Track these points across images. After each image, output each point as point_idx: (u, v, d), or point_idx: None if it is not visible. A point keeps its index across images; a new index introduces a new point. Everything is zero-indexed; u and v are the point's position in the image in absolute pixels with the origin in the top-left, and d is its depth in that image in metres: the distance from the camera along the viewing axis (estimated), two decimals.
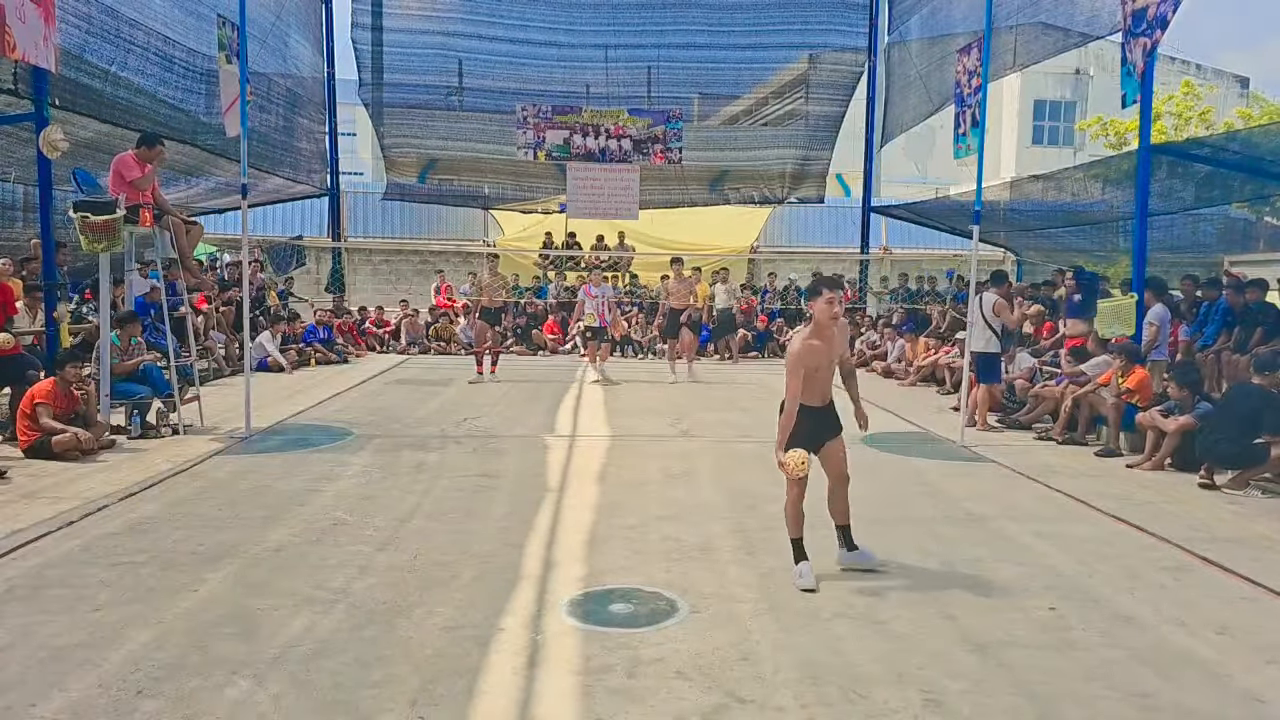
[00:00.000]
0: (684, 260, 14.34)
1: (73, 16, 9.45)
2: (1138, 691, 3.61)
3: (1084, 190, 13.17)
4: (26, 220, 12.03)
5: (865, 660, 3.84)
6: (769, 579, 4.83)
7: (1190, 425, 7.53)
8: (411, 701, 3.43)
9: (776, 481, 7.06)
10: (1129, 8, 8.36)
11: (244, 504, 6.16)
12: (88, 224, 7.87)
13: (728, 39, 18.85)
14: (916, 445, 8.73)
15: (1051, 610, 4.46)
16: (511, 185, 19.63)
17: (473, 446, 8.24)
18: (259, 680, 3.57)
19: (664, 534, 5.61)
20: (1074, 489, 6.99)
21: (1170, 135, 23.83)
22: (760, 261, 22.10)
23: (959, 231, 18.03)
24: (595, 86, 18.70)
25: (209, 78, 12.26)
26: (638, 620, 4.27)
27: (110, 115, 10.35)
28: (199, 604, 4.35)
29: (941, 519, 6.09)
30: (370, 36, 18.42)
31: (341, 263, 19.67)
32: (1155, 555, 5.39)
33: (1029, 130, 32.71)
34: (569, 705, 3.44)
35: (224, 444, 8.14)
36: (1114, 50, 23.09)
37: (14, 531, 5.43)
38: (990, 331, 9.32)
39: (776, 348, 17.61)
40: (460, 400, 11.10)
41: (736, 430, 9.26)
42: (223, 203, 16.18)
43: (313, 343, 14.91)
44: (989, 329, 9.31)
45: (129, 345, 8.81)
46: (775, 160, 19.72)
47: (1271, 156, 9.56)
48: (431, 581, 4.68)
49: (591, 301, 13.01)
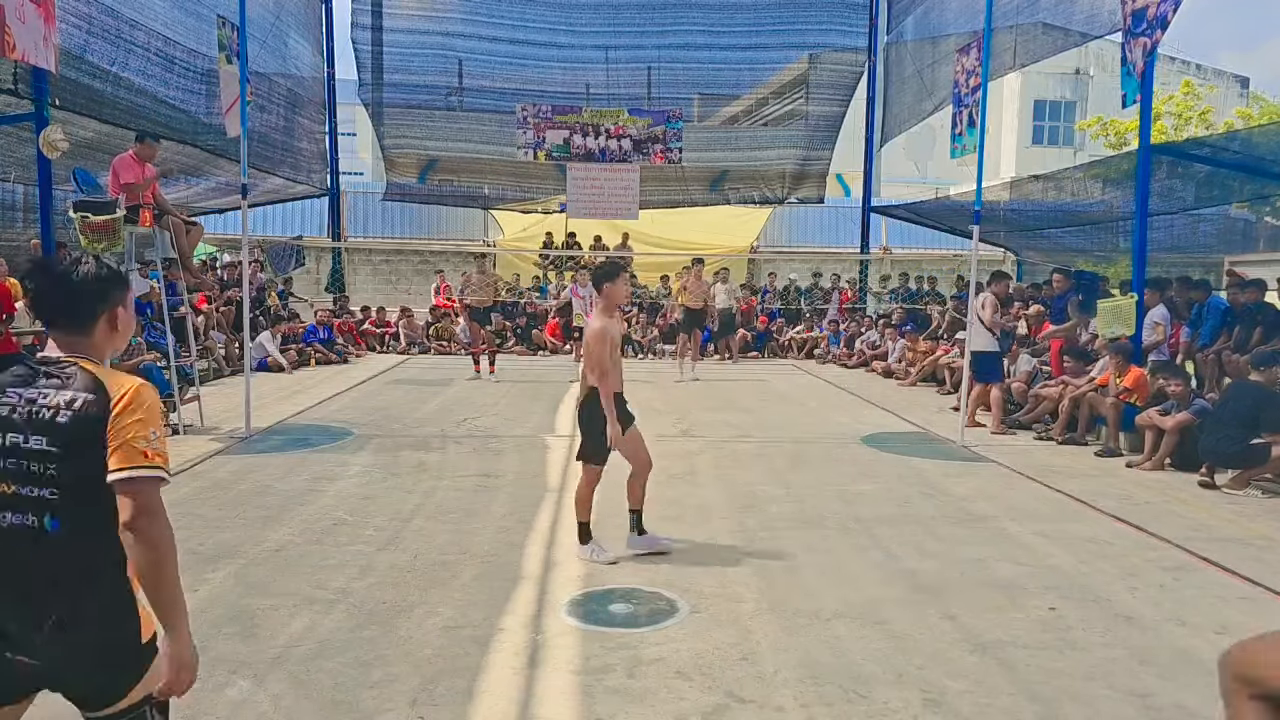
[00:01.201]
0: (704, 261, 14.21)
1: (73, 16, 9.45)
2: (1138, 691, 3.61)
3: (1084, 190, 13.17)
4: (26, 220, 12.03)
5: (865, 660, 3.85)
6: (769, 579, 4.83)
7: (1189, 421, 7.53)
8: (411, 701, 3.43)
9: (777, 481, 7.08)
10: (1129, 7, 8.35)
11: (244, 504, 6.16)
12: (88, 224, 7.87)
13: (728, 39, 18.84)
14: (916, 445, 8.73)
15: (1052, 610, 4.46)
16: (511, 185, 19.62)
17: (473, 446, 8.24)
18: (259, 680, 3.57)
19: (664, 534, 5.61)
20: (1074, 489, 6.99)
21: (1170, 135, 23.84)
22: (760, 261, 22.10)
23: (959, 231, 18.02)
24: (595, 87, 18.69)
25: (209, 78, 12.26)
26: (638, 620, 4.28)
27: (110, 115, 10.35)
28: (199, 604, 4.34)
29: (941, 519, 6.09)
30: (370, 36, 18.41)
31: (341, 263, 19.67)
32: (1155, 555, 5.39)
33: (1029, 130, 32.72)
34: (569, 705, 3.44)
35: (224, 444, 8.14)
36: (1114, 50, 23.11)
37: None
38: (986, 330, 9.31)
39: (776, 348, 17.63)
40: (460, 400, 11.10)
41: (736, 430, 9.27)
42: (223, 203, 16.19)
43: (313, 343, 14.91)
44: (984, 328, 9.32)
45: (128, 345, 8.81)
46: (775, 160, 19.72)
47: (1271, 156, 9.56)
48: (432, 581, 4.69)
49: (579, 301, 12.99)
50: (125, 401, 2.00)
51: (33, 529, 1.98)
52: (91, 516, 1.99)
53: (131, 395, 2.01)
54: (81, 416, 1.98)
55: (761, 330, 17.88)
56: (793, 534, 5.66)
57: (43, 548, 1.97)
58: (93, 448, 1.96)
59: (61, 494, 1.97)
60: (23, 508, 1.98)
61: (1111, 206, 12.64)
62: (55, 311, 2.12)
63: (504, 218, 22.03)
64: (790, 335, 17.82)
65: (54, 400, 2.00)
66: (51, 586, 1.97)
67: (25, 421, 1.99)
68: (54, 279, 2.12)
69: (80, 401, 1.99)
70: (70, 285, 2.11)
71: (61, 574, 1.97)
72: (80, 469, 1.97)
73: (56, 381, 2.03)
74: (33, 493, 1.97)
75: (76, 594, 1.98)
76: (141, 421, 2.00)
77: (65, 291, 2.11)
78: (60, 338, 2.12)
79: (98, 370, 2.07)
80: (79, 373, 2.05)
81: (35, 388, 2.03)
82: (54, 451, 1.97)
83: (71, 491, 1.98)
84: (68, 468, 1.97)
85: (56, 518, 1.97)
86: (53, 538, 1.97)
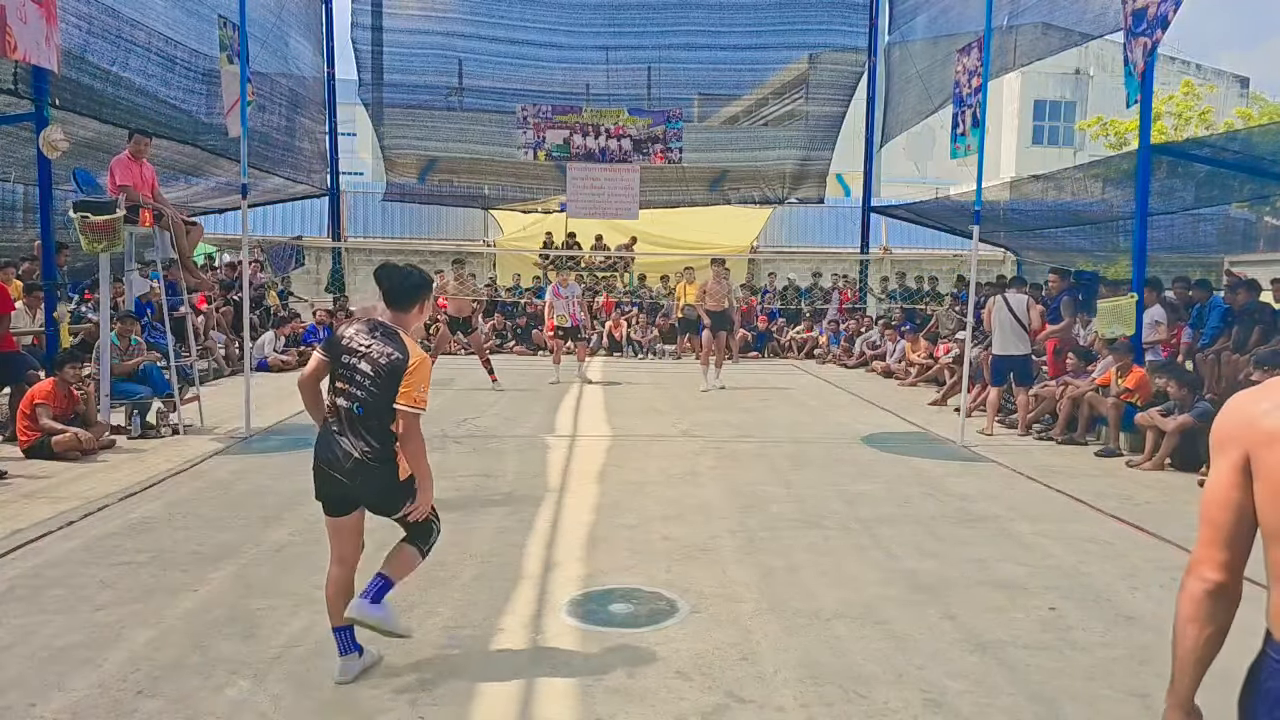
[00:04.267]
0: (724, 261, 13.71)
1: (73, 17, 9.45)
2: (1138, 691, 3.61)
3: (1084, 190, 13.16)
4: (26, 220, 12.03)
5: (865, 660, 3.84)
6: (769, 579, 4.83)
7: (1189, 424, 7.53)
8: (411, 701, 3.43)
9: (777, 481, 7.09)
10: (1129, 7, 8.36)
11: (244, 504, 6.16)
12: (88, 224, 7.87)
13: (728, 39, 18.81)
14: (917, 445, 8.73)
15: (1052, 610, 4.46)
16: (511, 185, 19.60)
17: (473, 446, 8.24)
18: (259, 680, 3.57)
19: (664, 534, 5.61)
20: (1074, 489, 6.99)
21: (1170, 135, 23.83)
22: (760, 261, 22.09)
23: (959, 231, 18.02)
24: (595, 87, 18.68)
25: (210, 78, 12.26)
26: (638, 620, 4.27)
27: (111, 115, 10.34)
28: (199, 604, 4.35)
29: (942, 519, 6.09)
30: (370, 36, 18.39)
31: (341, 263, 19.66)
32: (1155, 555, 5.39)
33: (1029, 130, 32.69)
34: (569, 705, 3.44)
35: (224, 444, 8.14)
36: (1114, 50, 23.14)
37: (14, 531, 5.43)
38: (1025, 333, 9.21)
39: (776, 348, 17.62)
40: (460, 400, 11.10)
41: (737, 430, 9.26)
42: (222, 202, 16.19)
43: (312, 343, 14.90)
44: (1025, 330, 9.17)
45: (128, 345, 8.81)
46: (775, 160, 19.70)
47: (1271, 156, 9.56)
48: (431, 581, 4.68)
49: (561, 302, 12.88)
50: (415, 365, 3.42)
51: (349, 409, 3.47)
52: (380, 411, 3.44)
53: (419, 363, 3.43)
54: (392, 364, 3.41)
55: (761, 330, 17.88)
56: (793, 534, 5.66)
57: (354, 420, 3.46)
58: (393, 383, 3.40)
59: (365, 397, 3.44)
60: (349, 397, 3.47)
61: (1111, 206, 12.64)
62: (392, 296, 3.55)
63: (504, 217, 22.01)
64: (790, 335, 17.82)
65: (381, 349, 3.45)
66: (356, 440, 3.45)
67: (363, 355, 3.46)
68: (399, 276, 3.57)
69: (396, 355, 3.43)
70: (406, 282, 3.57)
71: (361, 435, 3.45)
72: (380, 389, 3.42)
73: (384, 339, 3.48)
74: (356, 392, 3.45)
75: (364, 447, 3.44)
76: (420, 380, 3.42)
77: (402, 286, 3.55)
78: (391, 313, 3.56)
79: (407, 340, 3.50)
80: (397, 337, 3.49)
81: (374, 338, 3.49)
82: (371, 375, 3.43)
83: (373, 397, 3.43)
84: (375, 386, 3.43)
85: (362, 407, 3.45)
86: (356, 415, 3.45)
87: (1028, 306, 9.24)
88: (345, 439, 3.45)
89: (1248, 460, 1.57)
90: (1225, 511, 1.60)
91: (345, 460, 3.44)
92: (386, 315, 3.55)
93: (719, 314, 12.75)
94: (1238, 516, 1.59)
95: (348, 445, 3.44)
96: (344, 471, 3.45)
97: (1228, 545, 1.61)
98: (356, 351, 3.46)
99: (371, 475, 3.45)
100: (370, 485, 3.48)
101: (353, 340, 3.50)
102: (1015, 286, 9.65)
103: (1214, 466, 1.64)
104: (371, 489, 3.49)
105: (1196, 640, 1.65)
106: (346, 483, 3.47)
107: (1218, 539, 1.61)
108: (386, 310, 3.56)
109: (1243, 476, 1.58)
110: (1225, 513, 1.60)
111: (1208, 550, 1.63)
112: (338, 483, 3.48)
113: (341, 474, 3.45)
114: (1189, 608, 1.66)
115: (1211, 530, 1.62)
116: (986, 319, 9.48)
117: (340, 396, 3.49)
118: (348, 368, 3.47)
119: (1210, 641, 1.66)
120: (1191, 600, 1.65)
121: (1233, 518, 1.59)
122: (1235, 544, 1.61)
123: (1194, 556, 1.66)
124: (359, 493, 3.51)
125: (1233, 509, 1.59)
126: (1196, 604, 1.65)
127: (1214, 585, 1.62)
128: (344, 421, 3.47)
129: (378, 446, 3.44)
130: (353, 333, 3.54)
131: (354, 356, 3.46)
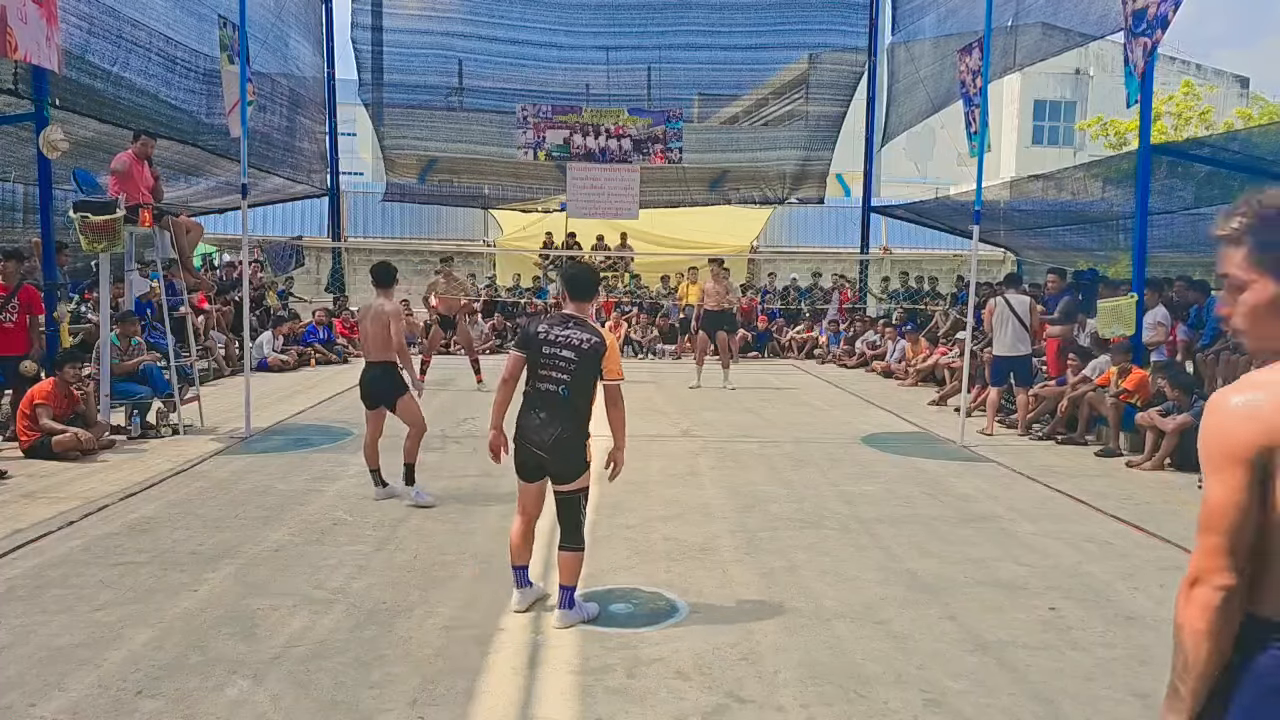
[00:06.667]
0: (724, 261, 13.73)
1: (74, 17, 9.44)
2: (1138, 691, 3.61)
3: (1084, 190, 13.15)
4: (27, 220, 12.02)
5: (865, 660, 3.84)
6: (769, 579, 4.83)
7: (1189, 424, 7.52)
8: (411, 701, 3.43)
9: (777, 481, 7.08)
10: (1129, 8, 8.36)
11: (244, 504, 6.16)
12: (88, 224, 7.87)
13: (728, 39, 18.79)
14: (917, 445, 8.73)
15: (1052, 610, 4.46)
16: (511, 185, 19.59)
17: (473, 446, 8.23)
18: (258, 680, 3.57)
19: (664, 534, 5.61)
20: (1074, 489, 6.99)
21: (1170, 135, 23.83)
22: (760, 261, 22.09)
23: (959, 231, 18.01)
24: (595, 87, 18.65)
25: (210, 78, 12.26)
26: (638, 620, 4.27)
27: (111, 115, 10.33)
28: (199, 604, 4.35)
29: (942, 519, 6.09)
30: (370, 36, 18.37)
31: (341, 263, 19.65)
32: (1155, 555, 5.39)
33: (1029, 130, 32.66)
34: (569, 705, 3.44)
35: (224, 444, 8.14)
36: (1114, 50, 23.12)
37: (14, 531, 5.43)
38: (1027, 334, 9.22)
39: (776, 348, 17.62)
40: (460, 400, 11.10)
41: (737, 430, 9.26)
42: (222, 202, 16.17)
43: (312, 343, 14.91)
44: (1026, 331, 9.18)
45: (128, 345, 8.81)
46: (775, 160, 19.68)
47: (1271, 156, 9.56)
48: (431, 581, 4.68)
49: None
50: (611, 348, 4.10)
51: (555, 393, 4.07)
52: (583, 389, 4.08)
53: (613, 346, 4.12)
54: (594, 347, 4.05)
55: (761, 330, 17.87)
56: (793, 534, 5.66)
57: (558, 402, 4.07)
58: (594, 364, 4.05)
59: (570, 380, 4.05)
60: (554, 382, 4.07)
61: (1112, 206, 12.63)
62: (576, 288, 4.26)
63: (504, 217, 22.01)
64: (790, 335, 17.81)
65: (577, 337, 4.07)
66: (559, 420, 4.07)
67: (564, 344, 4.07)
68: (585, 272, 4.46)
69: (595, 339, 4.07)
70: (590, 278, 4.37)
71: (563, 416, 4.07)
72: (581, 372, 4.04)
73: (577, 327, 4.12)
74: (562, 377, 4.05)
75: (565, 427, 4.06)
76: (616, 356, 4.13)
77: (587, 282, 4.31)
78: (574, 304, 4.23)
79: (594, 325, 4.18)
80: (587, 325, 4.15)
81: (568, 328, 4.11)
82: (573, 360, 4.04)
83: (575, 379, 4.05)
84: (576, 369, 4.04)
85: (568, 390, 4.05)
86: (561, 398, 4.06)
87: (1030, 308, 9.25)
88: (550, 424, 4.06)
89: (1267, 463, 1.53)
90: (1245, 519, 1.55)
91: (549, 439, 4.05)
92: (570, 307, 4.24)
93: (719, 314, 12.84)
94: (1251, 522, 1.56)
95: (553, 429, 4.05)
96: (545, 449, 4.07)
97: (1242, 551, 1.56)
98: (556, 342, 4.06)
99: (566, 453, 4.08)
100: (562, 461, 4.10)
101: (549, 333, 4.09)
102: (1014, 287, 9.65)
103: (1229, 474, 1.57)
104: (561, 463, 4.10)
105: (1212, 652, 1.57)
106: (545, 457, 4.09)
107: (1232, 547, 1.56)
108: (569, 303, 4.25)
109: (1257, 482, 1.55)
110: (1244, 520, 1.55)
111: (1217, 559, 1.56)
112: (537, 457, 4.10)
113: (544, 450, 4.07)
114: (1203, 621, 1.57)
115: (1226, 539, 1.56)
116: (987, 319, 9.48)
117: (545, 383, 4.08)
118: (550, 357, 4.06)
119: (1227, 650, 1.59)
120: (1206, 611, 1.57)
121: (1249, 524, 1.56)
122: (1246, 548, 1.56)
123: (1200, 566, 1.59)
124: (552, 466, 4.12)
125: (1250, 515, 1.55)
126: (1212, 614, 1.56)
127: (1230, 591, 1.56)
128: (549, 406, 4.07)
129: (574, 428, 4.07)
130: (545, 328, 4.13)
131: (554, 347, 4.06)
